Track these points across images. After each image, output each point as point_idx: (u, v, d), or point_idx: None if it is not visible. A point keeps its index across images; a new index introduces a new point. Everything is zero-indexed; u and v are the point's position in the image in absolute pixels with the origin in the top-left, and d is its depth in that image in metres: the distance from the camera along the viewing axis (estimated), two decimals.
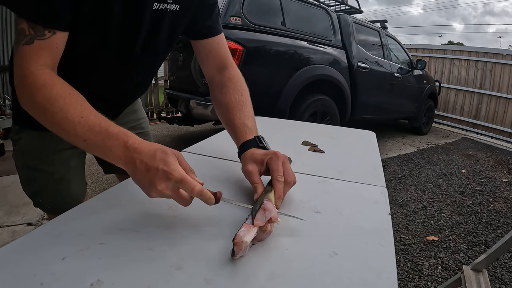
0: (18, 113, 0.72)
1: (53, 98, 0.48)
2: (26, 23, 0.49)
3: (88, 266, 0.38)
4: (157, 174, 0.44)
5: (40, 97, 0.48)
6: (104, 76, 0.69)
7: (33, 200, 0.78)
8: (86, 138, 0.47)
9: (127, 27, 0.60)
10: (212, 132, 1.07)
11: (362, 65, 3.36)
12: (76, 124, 0.47)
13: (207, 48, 0.75)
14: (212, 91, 0.75)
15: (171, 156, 0.45)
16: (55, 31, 0.51)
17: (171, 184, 0.44)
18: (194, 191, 0.44)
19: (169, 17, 0.65)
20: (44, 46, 0.50)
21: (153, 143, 0.48)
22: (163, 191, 0.44)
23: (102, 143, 0.47)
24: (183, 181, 0.44)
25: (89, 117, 0.48)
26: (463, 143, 4.73)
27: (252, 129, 0.66)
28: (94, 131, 0.47)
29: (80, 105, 0.49)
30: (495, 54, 5.53)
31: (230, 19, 2.42)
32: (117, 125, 0.49)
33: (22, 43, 0.50)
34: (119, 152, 0.46)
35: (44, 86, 0.49)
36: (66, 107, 0.48)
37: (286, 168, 0.55)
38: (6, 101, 3.69)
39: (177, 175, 0.44)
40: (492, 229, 2.05)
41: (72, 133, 0.47)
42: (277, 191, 0.52)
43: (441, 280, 1.50)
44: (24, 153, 0.74)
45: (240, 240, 0.39)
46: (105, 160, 0.49)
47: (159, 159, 0.44)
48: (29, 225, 1.83)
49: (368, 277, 0.38)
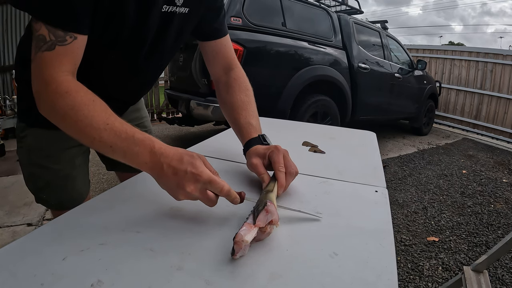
0: (24, 111, 0.73)
1: (78, 105, 0.49)
2: (46, 29, 0.49)
3: (89, 267, 0.38)
4: (185, 177, 0.46)
5: (64, 104, 0.49)
6: (112, 76, 0.70)
7: (36, 196, 0.79)
8: (112, 144, 0.48)
9: (137, 29, 0.61)
10: (213, 132, 1.07)
11: (363, 65, 3.36)
12: (102, 131, 0.48)
13: (214, 50, 0.78)
14: (218, 91, 0.78)
15: (197, 159, 0.47)
16: (76, 35, 0.51)
17: (200, 186, 0.46)
18: (223, 191, 0.47)
19: (177, 20, 0.66)
20: (65, 52, 0.51)
21: (178, 148, 0.50)
22: (191, 193, 0.46)
23: (129, 149, 0.48)
24: (211, 182, 0.46)
25: (114, 124, 0.49)
26: (464, 143, 4.72)
27: (257, 127, 0.69)
28: (121, 138, 0.48)
29: (104, 112, 0.50)
30: (496, 55, 5.53)
31: (231, 19, 2.42)
32: (141, 131, 0.50)
33: (42, 49, 0.50)
34: (145, 157, 0.48)
35: (68, 93, 0.49)
36: (91, 114, 0.49)
37: (287, 160, 0.59)
38: (6, 101, 3.69)
39: (205, 177, 0.46)
40: (492, 230, 2.04)
41: (97, 139, 0.48)
42: (279, 181, 0.55)
43: (442, 281, 1.50)
44: (30, 151, 0.75)
45: (240, 239, 0.39)
46: (128, 164, 0.49)
47: (187, 162, 0.46)
48: (30, 225, 1.83)
49: (368, 277, 0.38)
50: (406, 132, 5.02)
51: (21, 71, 0.71)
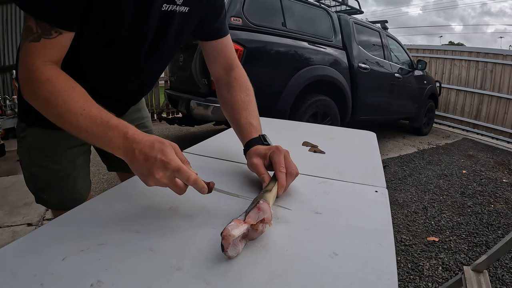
0: (25, 111, 0.73)
1: (57, 91, 0.50)
2: (34, 20, 0.50)
3: (88, 267, 0.38)
4: (155, 164, 0.46)
5: (45, 90, 0.51)
6: (111, 76, 0.70)
7: (36, 196, 0.79)
8: (88, 129, 0.50)
9: (136, 28, 0.61)
10: (213, 132, 1.07)
11: (363, 65, 3.36)
12: (79, 116, 0.49)
13: (215, 50, 0.78)
14: (219, 91, 0.78)
15: (168, 147, 0.48)
16: (62, 31, 0.52)
17: (168, 173, 0.47)
18: (189, 180, 0.47)
19: (177, 19, 0.66)
20: (50, 44, 0.52)
21: (151, 135, 0.50)
22: (160, 180, 0.47)
23: (103, 134, 0.49)
24: (179, 171, 0.47)
25: (91, 110, 0.50)
26: (464, 143, 4.72)
27: (257, 127, 0.69)
28: (96, 123, 0.49)
29: (82, 98, 0.51)
30: (496, 55, 5.53)
31: (231, 19, 2.42)
32: (117, 117, 0.51)
33: (29, 40, 0.51)
34: (119, 142, 0.49)
35: (49, 80, 0.51)
36: (69, 99, 0.50)
37: (288, 160, 0.59)
38: (6, 101, 3.69)
39: (174, 165, 0.46)
40: (492, 230, 2.04)
41: (74, 124, 0.50)
42: (280, 181, 0.55)
43: (442, 281, 1.50)
44: (30, 150, 0.75)
45: (227, 234, 0.39)
46: (106, 151, 0.51)
47: (157, 149, 0.47)
48: (30, 225, 1.83)
49: (368, 277, 0.38)
50: (406, 132, 5.01)
51: None
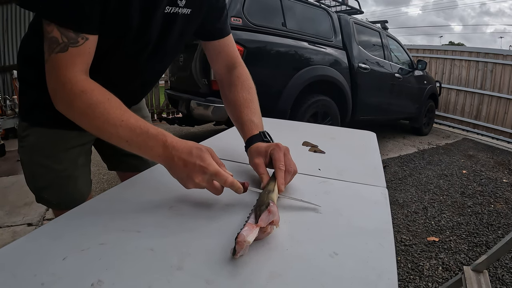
0: (27, 110, 0.73)
1: (94, 104, 0.52)
2: (58, 31, 0.51)
3: (89, 266, 0.38)
4: (194, 169, 0.50)
5: (80, 103, 0.52)
6: (113, 76, 0.70)
7: (37, 196, 0.79)
8: (128, 139, 0.52)
9: (141, 30, 0.61)
10: (213, 132, 1.07)
11: (363, 65, 3.36)
12: (118, 127, 0.52)
13: (217, 49, 0.79)
14: (222, 89, 0.80)
15: (205, 152, 0.51)
16: (87, 36, 0.53)
17: (207, 177, 0.50)
18: (226, 182, 0.51)
19: (180, 21, 0.67)
20: (78, 52, 0.53)
21: (187, 141, 0.53)
22: (199, 183, 0.50)
23: (144, 143, 0.52)
24: (217, 174, 0.50)
25: (129, 120, 0.52)
26: (464, 143, 4.72)
27: (258, 125, 0.70)
28: (136, 133, 0.52)
29: (119, 109, 0.53)
30: (496, 55, 5.52)
31: (231, 19, 2.42)
32: (154, 126, 0.54)
33: (56, 51, 0.52)
34: (159, 150, 0.52)
35: (83, 92, 0.52)
36: (107, 111, 0.52)
37: (287, 158, 0.61)
38: (6, 101, 3.69)
39: (211, 169, 0.50)
40: (492, 230, 2.04)
41: (115, 135, 0.52)
42: (279, 178, 0.57)
43: (442, 281, 1.50)
44: (32, 150, 0.75)
45: (243, 240, 0.39)
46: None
47: (196, 155, 0.50)
48: (30, 225, 1.84)
49: (368, 277, 0.38)
50: (406, 132, 5.01)
51: (24, 70, 0.71)
